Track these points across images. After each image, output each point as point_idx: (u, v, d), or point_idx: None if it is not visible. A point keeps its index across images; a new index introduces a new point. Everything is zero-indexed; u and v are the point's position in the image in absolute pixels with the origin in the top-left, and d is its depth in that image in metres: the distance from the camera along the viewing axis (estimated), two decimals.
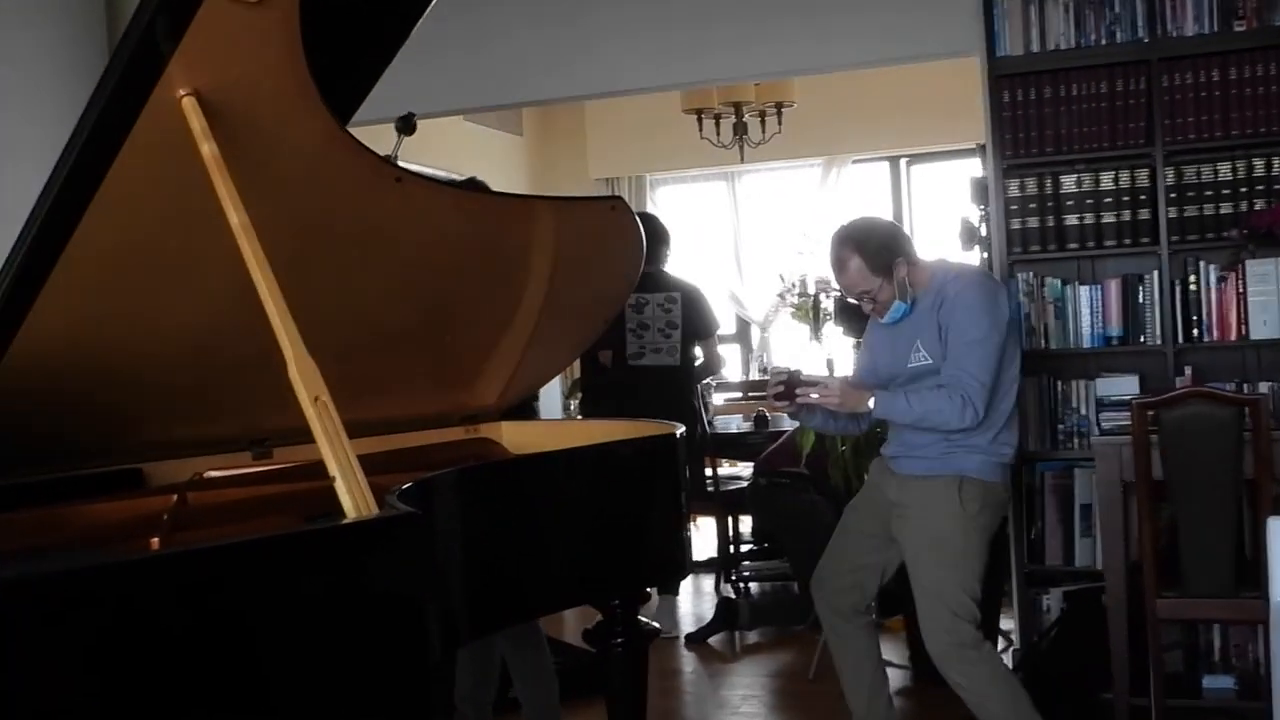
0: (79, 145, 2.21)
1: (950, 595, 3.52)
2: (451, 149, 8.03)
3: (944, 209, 8.95)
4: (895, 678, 4.99)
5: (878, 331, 3.75)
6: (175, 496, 2.72)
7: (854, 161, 9.54)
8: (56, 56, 5.40)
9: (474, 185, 4.36)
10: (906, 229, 9.36)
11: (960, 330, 3.48)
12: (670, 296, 5.93)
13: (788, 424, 6.63)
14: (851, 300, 3.71)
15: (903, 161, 9.56)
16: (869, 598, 3.83)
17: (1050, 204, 4.57)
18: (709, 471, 6.52)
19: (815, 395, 3.57)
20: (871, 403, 3.56)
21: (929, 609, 3.57)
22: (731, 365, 9.55)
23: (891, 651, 5.22)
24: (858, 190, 9.54)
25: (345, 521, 2.07)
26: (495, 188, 4.37)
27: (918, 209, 9.59)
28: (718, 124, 8.09)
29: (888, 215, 9.41)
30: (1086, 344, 4.56)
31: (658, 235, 5.70)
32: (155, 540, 2.30)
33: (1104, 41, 4.50)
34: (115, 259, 2.44)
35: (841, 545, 3.84)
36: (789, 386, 3.57)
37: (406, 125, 3.92)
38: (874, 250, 3.53)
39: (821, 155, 9.40)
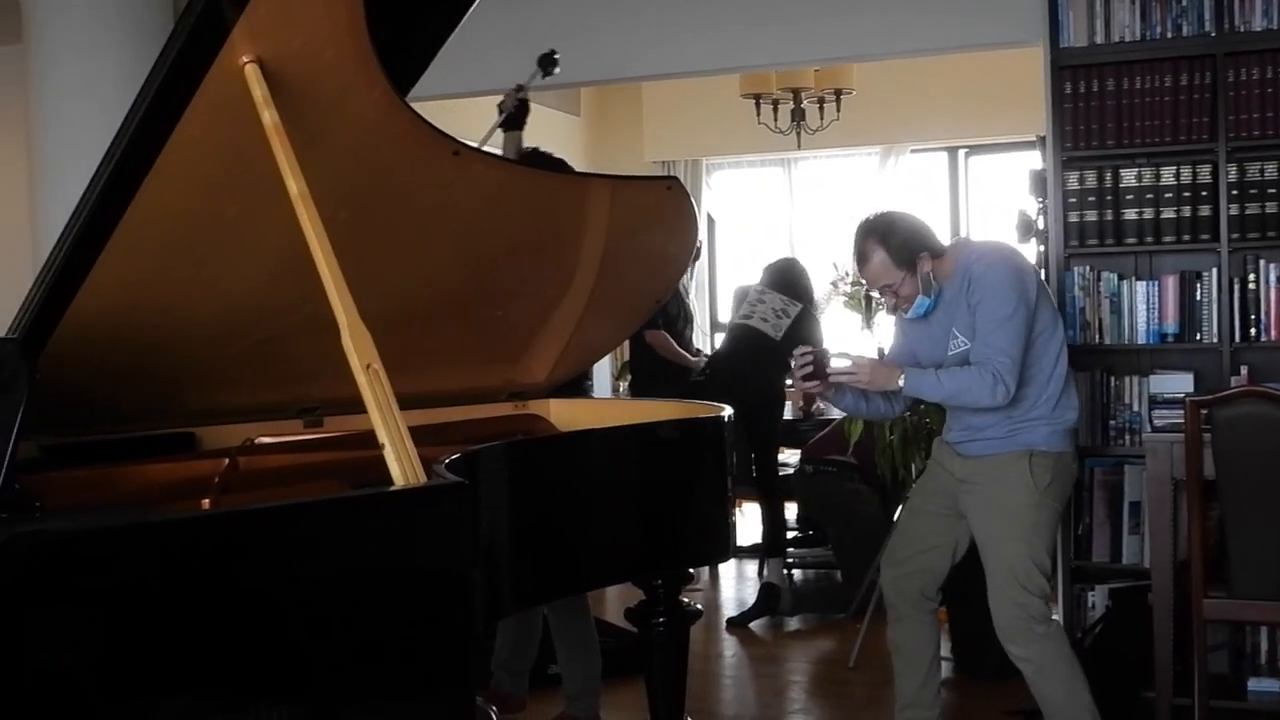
0: (142, 110, 2.24)
1: (1021, 568, 3.50)
2: None
3: (1001, 201, 8.88)
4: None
5: (911, 326, 3.70)
6: (226, 461, 2.75)
7: (912, 151, 9.47)
8: (120, 23, 5.45)
9: (539, 157, 4.35)
10: (963, 221, 9.43)
11: (988, 309, 3.45)
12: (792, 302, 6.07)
13: (836, 412, 6.62)
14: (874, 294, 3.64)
15: (961, 152, 9.48)
16: (938, 580, 3.78)
17: (1109, 198, 4.52)
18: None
19: (844, 375, 3.53)
20: (901, 380, 3.50)
21: (1000, 582, 3.54)
22: None
23: None
24: (915, 180, 9.47)
25: (392, 489, 2.09)
26: None
27: (975, 201, 9.51)
28: (775, 109, 8.05)
29: (945, 206, 9.40)
30: (1141, 340, 4.51)
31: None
32: (206, 502, 2.33)
33: (1169, 34, 4.44)
34: (174, 224, 2.47)
35: (910, 525, 3.84)
36: (817, 365, 3.51)
37: (548, 63, 4.00)
38: (898, 244, 3.50)
39: (879, 144, 9.33)
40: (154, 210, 2.37)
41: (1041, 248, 5.09)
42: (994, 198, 9.16)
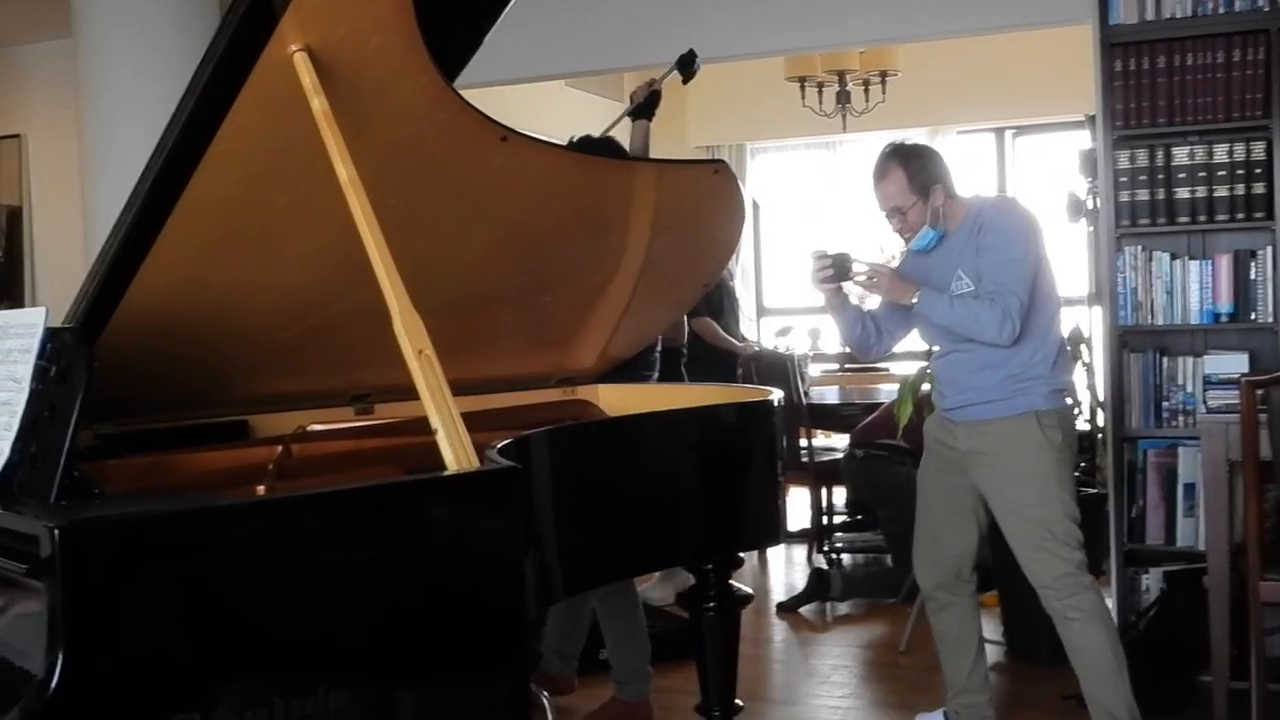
0: (193, 101, 2.26)
1: (1057, 524, 3.53)
2: (553, 114, 8.05)
3: (1049, 182, 8.80)
4: (989, 654, 4.95)
5: (914, 261, 3.72)
6: (280, 448, 2.78)
7: (958, 132, 9.40)
8: (168, 14, 5.49)
9: (590, 143, 4.35)
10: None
11: (998, 250, 3.50)
12: None
13: (884, 396, 6.60)
14: (883, 211, 3.67)
15: (1008, 133, 9.40)
16: (971, 559, 3.78)
17: (1161, 177, 4.46)
18: (804, 442, 6.50)
19: (863, 276, 3.59)
20: (915, 297, 3.55)
21: (1038, 543, 3.55)
22: (829, 337, 9.49)
23: (984, 628, 5.18)
24: (962, 161, 9.40)
25: (445, 473, 2.09)
26: None
27: (1022, 182, 9.43)
28: (820, 92, 8.02)
29: (992, 188, 9.32)
30: (1195, 320, 4.46)
31: None
32: (261, 488, 2.34)
33: (1221, 9, 4.37)
34: (226, 212, 2.49)
35: (926, 514, 3.83)
36: (838, 269, 3.54)
37: (688, 63, 4.06)
38: (918, 168, 3.57)
39: (925, 125, 9.26)
40: (206, 199, 2.39)
41: (1091, 228, 5.05)
42: (1042, 179, 9.08)
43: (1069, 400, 3.75)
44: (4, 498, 1.95)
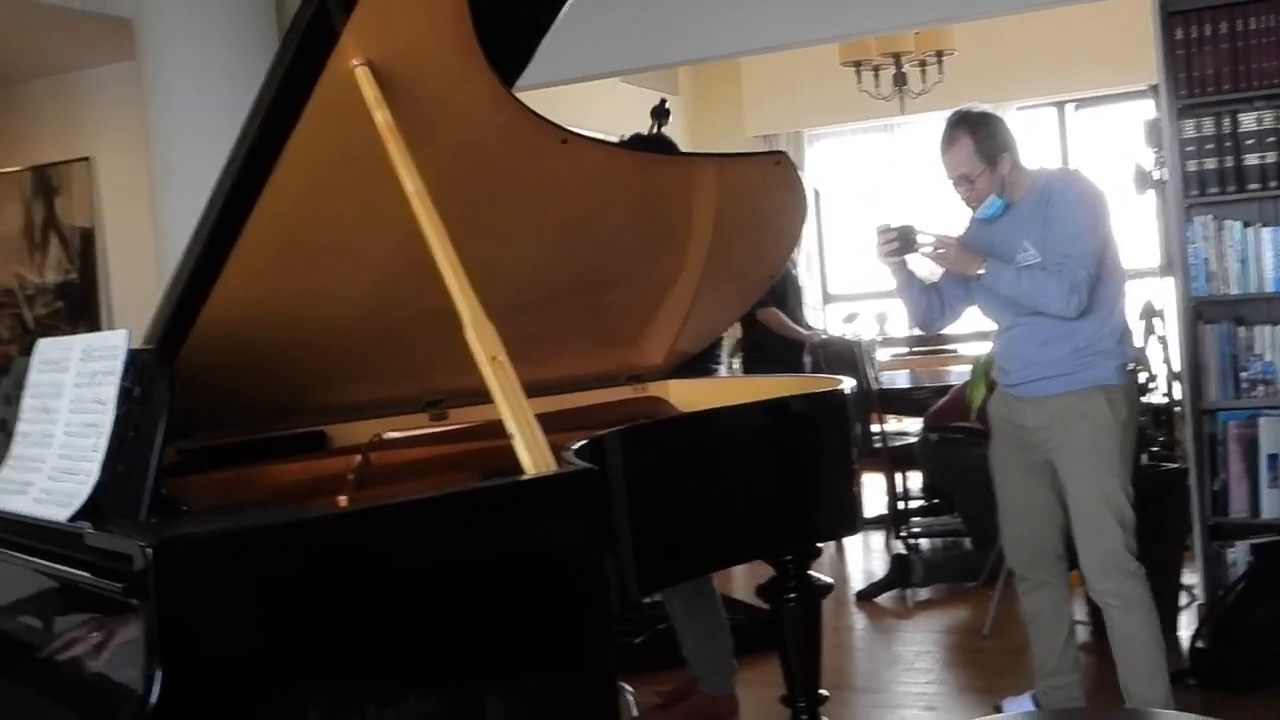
0: (258, 118, 2.28)
1: (1117, 504, 3.51)
2: (608, 110, 8.06)
3: (1112, 154, 8.68)
4: (1076, 634, 4.91)
5: (978, 232, 3.69)
6: (358, 457, 2.81)
7: (1018, 108, 9.30)
8: (228, 35, 5.57)
9: (642, 140, 4.35)
10: None
11: (1066, 221, 3.48)
12: None
13: (955, 378, 6.55)
14: (950, 179, 3.63)
15: (1068, 106, 9.29)
16: (1063, 535, 3.72)
17: (1229, 144, 4.40)
18: (876, 428, 6.47)
19: (929, 247, 3.57)
20: (982, 268, 3.53)
21: (1098, 519, 3.52)
22: (897, 321, 9.44)
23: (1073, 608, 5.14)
24: (1022, 137, 9.29)
25: (526, 477, 2.11)
26: None
27: (1084, 155, 9.32)
28: (876, 75, 7.97)
29: (1054, 162, 9.21)
30: (1270, 288, 4.39)
31: None
32: (342, 498, 2.37)
33: None
34: (295, 227, 2.52)
35: (1006, 495, 3.80)
36: (903, 241, 3.55)
37: (661, 114, 4.11)
38: (986, 135, 3.56)
39: (984, 103, 9.13)
40: (275, 215, 2.42)
41: (1159, 199, 4.98)
42: (1104, 151, 8.96)
43: (1136, 374, 3.75)
44: (95, 517, 1.99)
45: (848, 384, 3.33)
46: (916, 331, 9.10)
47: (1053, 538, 3.73)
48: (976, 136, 3.55)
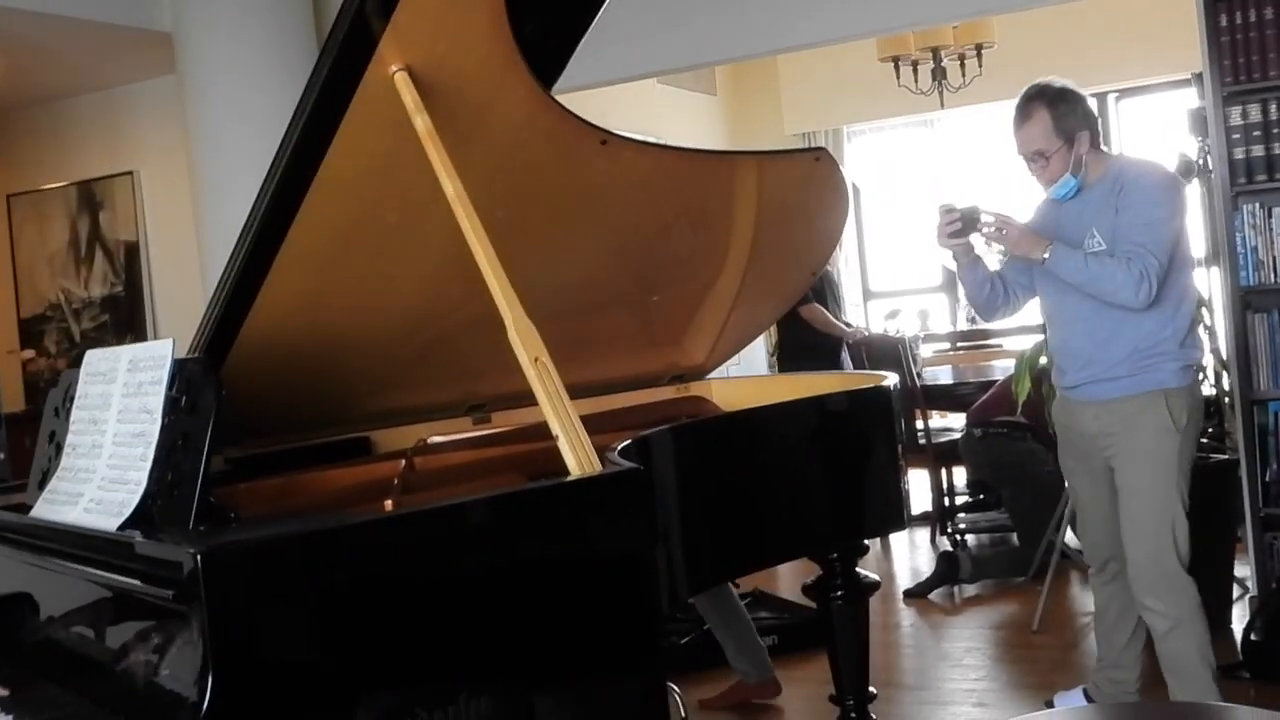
0: (299, 127, 2.30)
1: (1172, 515, 3.39)
2: (646, 112, 8.07)
3: (1157, 144, 8.61)
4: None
5: (1046, 214, 3.56)
6: (403, 462, 2.82)
7: None
8: (266, 46, 5.61)
9: None
10: None
11: (1140, 209, 3.33)
12: None
13: (999, 372, 6.51)
14: (1022, 155, 3.47)
15: (1110, 97, 9.20)
16: None
17: (1275, 131, 4.34)
18: (920, 424, 6.44)
19: (992, 228, 3.42)
20: (1047, 253, 3.37)
21: (1152, 532, 3.40)
22: (939, 316, 9.39)
23: None
24: None
25: (571, 478, 2.11)
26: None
27: (1128, 146, 9.23)
28: (915, 70, 7.92)
29: None
30: None
31: None
32: (388, 503, 2.38)
33: None
34: (336, 234, 2.53)
35: (1079, 493, 3.72)
36: (966, 222, 3.41)
37: None
38: (1065, 111, 3.38)
39: None
40: (318, 223, 2.43)
41: (1205, 188, 4.93)
42: (1148, 141, 8.89)
43: (1198, 375, 3.58)
44: (145, 526, 2.01)
45: (891, 379, 3.32)
46: (962, 325, 9.10)
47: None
48: (1055, 112, 3.37)
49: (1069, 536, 5.57)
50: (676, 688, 4.02)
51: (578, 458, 2.13)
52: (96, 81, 6.70)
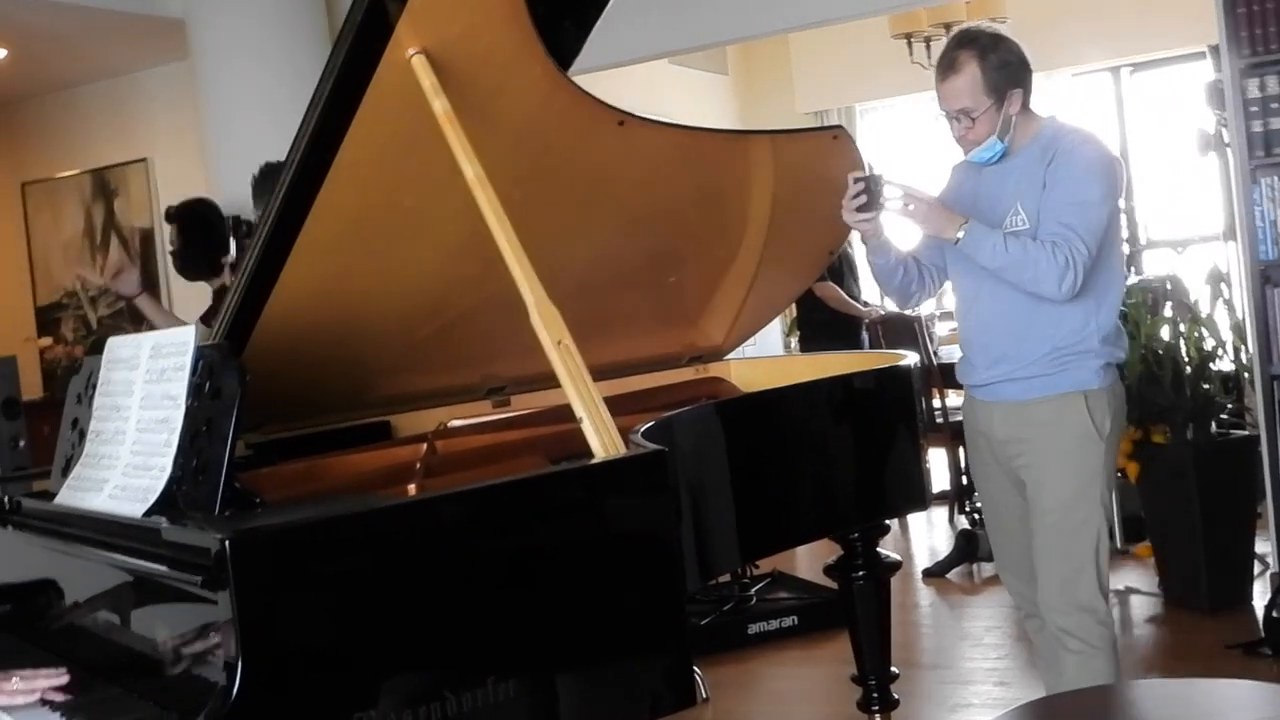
0: (317, 111, 2.29)
1: (1096, 532, 3.00)
2: (658, 92, 8.05)
3: (1172, 118, 8.57)
4: (1145, 605, 4.87)
5: (963, 181, 3.18)
6: (425, 445, 2.82)
7: (1073, 75, 9.18)
8: (278, 32, 5.60)
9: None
10: (1131, 141, 9.10)
11: (1072, 188, 2.91)
12: None
13: None
14: (943, 111, 3.06)
15: (1124, 70, 9.16)
16: None
17: None
18: (937, 403, 6.42)
19: (898, 201, 2.99)
20: (961, 231, 2.94)
21: (1066, 550, 3.00)
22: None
23: (1139, 579, 5.09)
24: (1077, 103, 9.18)
25: (597, 460, 2.11)
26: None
27: (1141, 120, 9.19)
28: (928, 46, 7.88)
29: (1111, 128, 9.08)
30: None
31: None
32: (411, 487, 2.38)
33: None
34: (356, 218, 2.53)
35: (994, 516, 3.28)
36: (871, 194, 2.94)
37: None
38: (997, 64, 2.95)
39: (1038, 70, 9.00)
40: (337, 207, 2.42)
41: (1223, 162, 4.91)
42: (1163, 115, 8.85)
43: (1118, 373, 3.15)
44: (171, 512, 2.01)
45: (911, 358, 3.30)
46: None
47: None
48: (985, 64, 2.95)
49: None
50: (698, 669, 4.03)
51: (602, 440, 2.13)
52: (109, 69, 6.71)
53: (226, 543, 1.68)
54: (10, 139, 7.31)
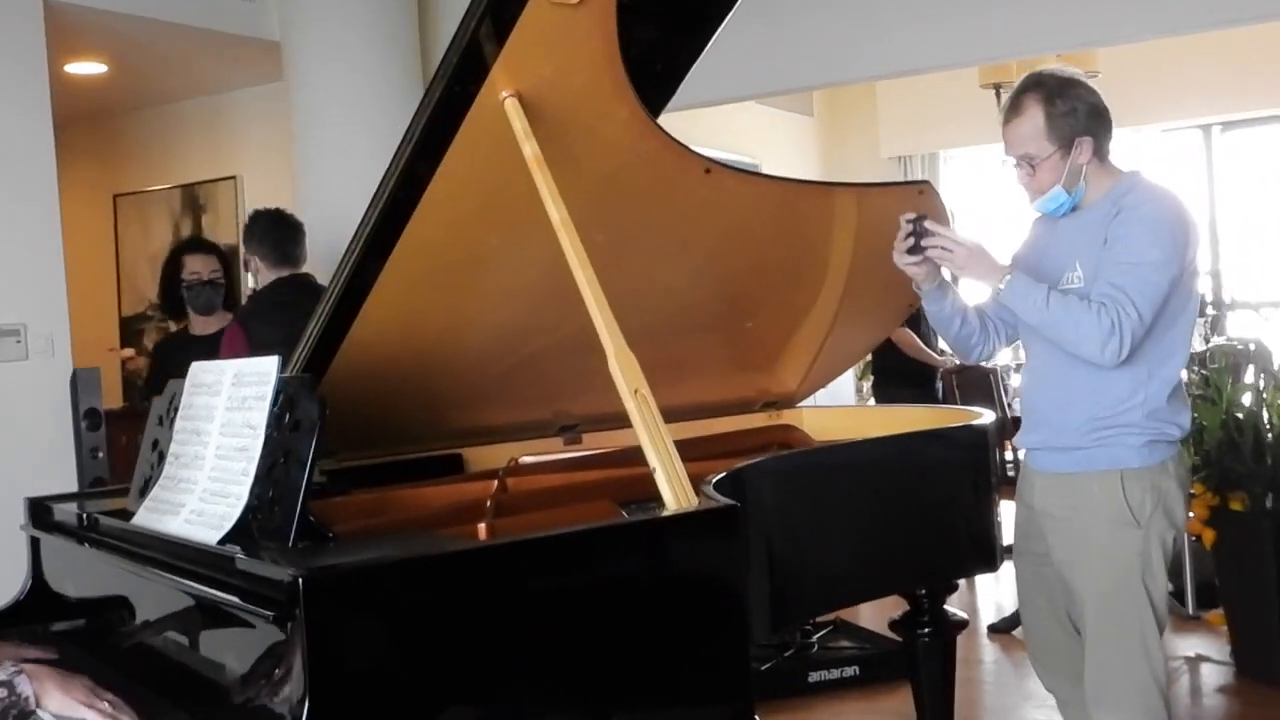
0: (409, 149, 2.33)
1: (1140, 625, 2.77)
2: (743, 133, 8.06)
3: (1263, 176, 8.45)
4: (1216, 674, 4.77)
5: (1039, 234, 3.00)
6: (496, 483, 2.83)
7: (1163, 131, 9.08)
8: (372, 58, 5.68)
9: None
10: (1220, 199, 8.97)
11: (1128, 248, 2.68)
12: None
13: None
14: (1009, 158, 2.87)
15: (1215, 128, 9.04)
16: None
17: None
18: (1010, 455, 6.35)
19: (939, 244, 2.81)
20: (1004, 282, 2.76)
21: (1111, 640, 2.79)
22: None
23: (1210, 647, 4.99)
24: (1167, 160, 9.08)
25: (667, 513, 2.11)
26: (786, 169, 4.35)
27: (1232, 179, 9.06)
28: None
29: (1201, 186, 8.96)
30: None
31: None
32: (481, 526, 2.39)
33: None
34: (441, 255, 2.56)
35: (1029, 605, 3.10)
36: (917, 235, 2.79)
37: None
38: (1064, 112, 2.75)
39: (1127, 125, 8.93)
40: (422, 242, 2.46)
41: None
42: (1254, 174, 8.72)
43: (1177, 449, 2.86)
44: (245, 541, 2.03)
45: (988, 417, 3.27)
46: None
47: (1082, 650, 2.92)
48: (1050, 109, 2.76)
49: None
50: (757, 716, 3.99)
51: (674, 491, 2.13)
52: (204, 86, 6.83)
53: (300, 579, 1.69)
54: (105, 151, 7.46)
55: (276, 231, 4.25)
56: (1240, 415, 4.66)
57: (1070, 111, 2.76)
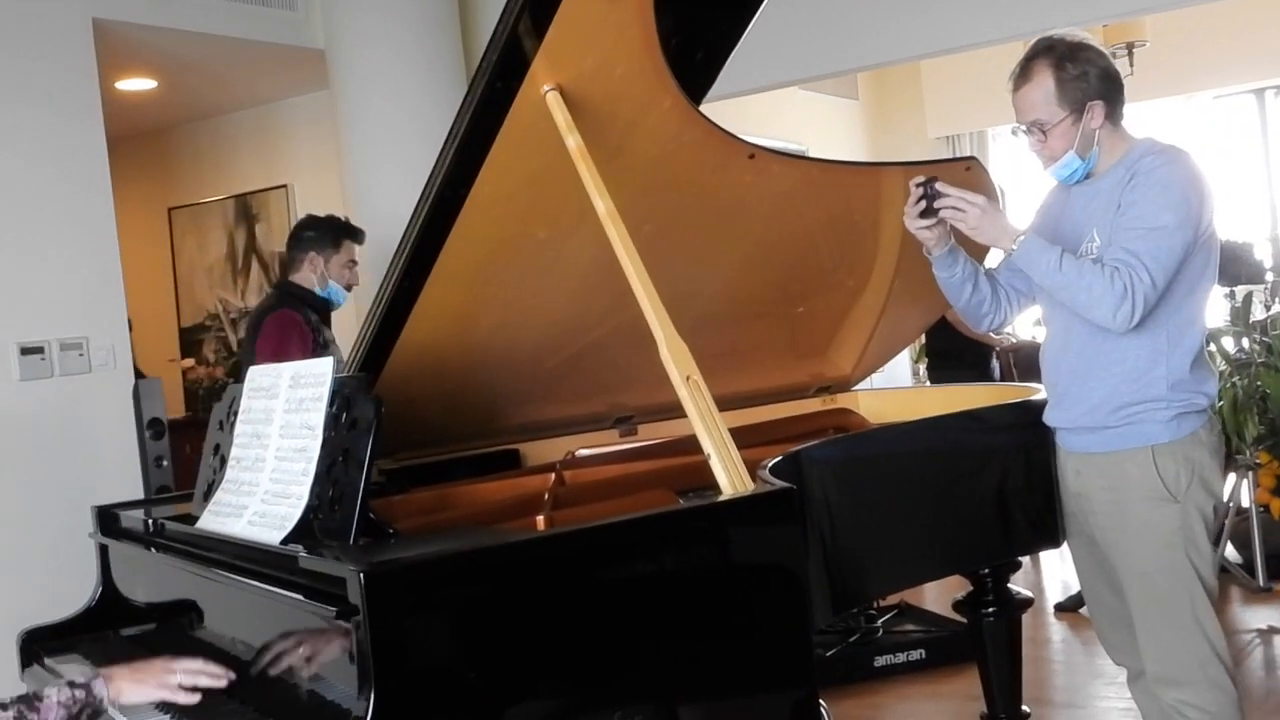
0: (454, 146, 2.34)
1: (1191, 598, 2.72)
2: (789, 120, 8.04)
3: None
4: None
5: (1055, 202, 2.93)
6: (553, 476, 2.85)
7: (1214, 97, 8.95)
8: (416, 64, 5.72)
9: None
10: (1277, 164, 8.83)
11: (1141, 212, 2.62)
12: None
13: None
14: (1019, 128, 2.83)
15: (1269, 93, 8.90)
16: None
17: None
18: None
19: (951, 204, 2.71)
20: (1016, 243, 2.69)
21: (1164, 616, 2.74)
22: None
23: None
24: (1219, 127, 8.95)
25: (725, 498, 2.11)
26: (834, 154, 4.34)
27: None
28: None
29: (1256, 152, 8.82)
30: None
31: None
32: (540, 519, 2.40)
33: None
34: (487, 251, 2.58)
35: (1088, 576, 3.03)
36: (929, 198, 2.72)
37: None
38: (1074, 75, 2.69)
39: (1179, 93, 8.84)
40: (470, 240, 2.48)
41: None
42: None
43: (1207, 418, 2.77)
44: (307, 540, 2.06)
45: (1042, 394, 3.23)
46: None
47: None
48: (1061, 73, 2.70)
49: (1229, 550, 5.40)
50: (823, 701, 3.99)
51: (730, 477, 2.13)
52: (253, 98, 6.90)
53: (362, 574, 1.71)
54: (159, 165, 7.56)
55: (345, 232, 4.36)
56: None
57: (1081, 75, 2.70)
